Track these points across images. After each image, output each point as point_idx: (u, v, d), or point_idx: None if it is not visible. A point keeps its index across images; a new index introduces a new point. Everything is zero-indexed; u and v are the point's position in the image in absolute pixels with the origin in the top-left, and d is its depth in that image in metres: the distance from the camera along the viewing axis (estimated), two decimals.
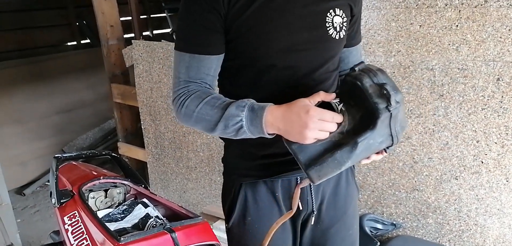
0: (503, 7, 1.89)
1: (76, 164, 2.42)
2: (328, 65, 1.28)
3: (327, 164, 1.07)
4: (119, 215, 1.99)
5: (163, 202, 2.07)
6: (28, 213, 4.22)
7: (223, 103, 1.16)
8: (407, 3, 2.10)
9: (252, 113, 1.12)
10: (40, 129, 4.97)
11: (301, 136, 1.06)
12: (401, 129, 1.10)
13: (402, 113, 1.09)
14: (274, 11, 1.19)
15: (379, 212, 2.49)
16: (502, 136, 2.03)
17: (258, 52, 1.21)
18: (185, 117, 1.22)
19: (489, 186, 2.13)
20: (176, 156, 3.35)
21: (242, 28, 1.19)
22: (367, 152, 1.07)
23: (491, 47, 1.95)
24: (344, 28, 1.28)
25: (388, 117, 1.03)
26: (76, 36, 6.32)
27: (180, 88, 1.22)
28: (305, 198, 1.36)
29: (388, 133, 1.07)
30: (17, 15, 5.67)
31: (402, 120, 1.10)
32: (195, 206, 3.39)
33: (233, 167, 1.40)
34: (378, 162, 2.37)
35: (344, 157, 1.06)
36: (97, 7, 3.48)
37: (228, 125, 1.14)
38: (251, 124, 1.12)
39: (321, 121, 1.05)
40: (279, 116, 1.09)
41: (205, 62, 1.22)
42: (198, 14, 1.19)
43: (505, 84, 1.96)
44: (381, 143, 1.07)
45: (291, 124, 1.07)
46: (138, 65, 3.30)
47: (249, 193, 1.36)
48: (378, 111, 1.02)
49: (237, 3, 1.17)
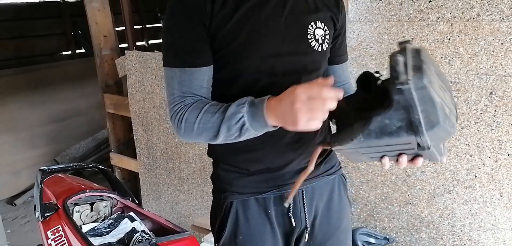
0: (495, 21, 1.87)
1: (63, 176, 2.39)
2: (312, 77, 1.26)
3: (344, 132, 1.02)
4: (104, 229, 1.96)
5: (150, 216, 2.04)
6: (19, 224, 4.18)
7: (222, 106, 1.12)
8: (399, 16, 2.08)
9: (253, 108, 1.07)
10: (33, 138, 4.95)
11: (293, 119, 0.99)
12: (429, 127, 0.93)
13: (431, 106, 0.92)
14: (258, 22, 1.18)
15: (372, 226, 2.46)
16: (495, 150, 2.01)
17: (243, 63, 1.20)
18: (186, 132, 1.17)
19: (483, 201, 2.10)
20: (168, 167, 3.32)
21: (225, 39, 1.17)
22: (382, 133, 0.96)
23: (484, 60, 1.93)
24: (326, 41, 1.28)
25: (403, 99, 0.91)
26: (71, 46, 6.33)
27: (176, 104, 1.18)
28: (298, 213, 1.34)
29: (407, 120, 0.93)
30: (13, 24, 5.67)
31: (430, 114, 0.93)
32: (186, 218, 3.36)
33: (223, 184, 1.36)
34: (370, 174, 2.35)
35: (358, 129, 0.98)
36: (91, 17, 3.46)
37: (231, 125, 1.10)
38: (253, 119, 1.07)
39: (308, 99, 0.96)
40: (275, 106, 1.04)
41: (197, 75, 1.18)
42: (183, 26, 1.16)
43: (498, 98, 1.94)
44: (400, 130, 0.94)
45: (283, 110, 1.01)
46: (131, 75, 3.27)
47: (240, 211, 1.32)
48: (390, 84, 0.92)
49: (219, 13, 1.15)
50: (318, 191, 1.38)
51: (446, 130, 0.95)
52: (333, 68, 1.42)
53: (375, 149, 1.03)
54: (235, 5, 1.16)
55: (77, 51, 6.37)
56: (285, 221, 1.35)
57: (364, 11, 2.16)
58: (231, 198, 1.33)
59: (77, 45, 6.37)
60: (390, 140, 0.97)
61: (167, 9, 1.19)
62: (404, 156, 1.04)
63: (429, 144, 0.96)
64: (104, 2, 3.49)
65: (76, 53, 6.35)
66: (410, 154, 1.04)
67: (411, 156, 1.05)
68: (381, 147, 1.02)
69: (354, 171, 2.40)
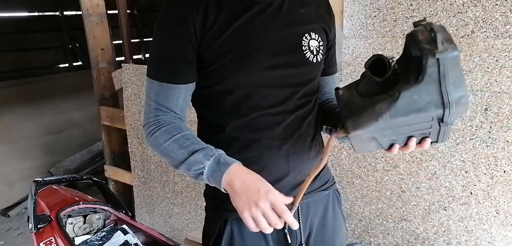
0: (490, 38, 1.88)
1: (57, 188, 2.37)
2: (307, 89, 1.27)
3: (365, 113, 1.00)
4: (97, 242, 1.94)
5: (143, 229, 2.03)
6: (12, 235, 4.14)
7: (191, 146, 1.15)
8: (393, 33, 2.09)
9: (216, 166, 1.10)
10: (28, 149, 4.94)
11: (243, 207, 1.04)
12: (456, 99, 0.94)
13: (459, 77, 0.94)
14: (251, 35, 1.17)
15: (367, 242, 2.45)
16: (491, 166, 2.00)
17: (236, 77, 1.19)
18: (152, 146, 1.22)
19: (478, 218, 2.09)
20: (162, 180, 3.30)
21: (217, 53, 1.17)
22: (410, 110, 0.95)
23: (479, 77, 1.93)
24: (320, 52, 1.28)
25: (437, 70, 0.91)
26: (68, 58, 6.35)
27: (150, 117, 1.22)
28: (293, 230, 1.30)
29: (438, 92, 0.93)
30: (12, 37, 5.69)
31: (458, 86, 0.94)
32: (180, 232, 3.33)
33: (218, 201, 1.33)
34: (365, 190, 2.34)
35: (383, 108, 0.97)
36: (89, 31, 3.48)
37: (190, 168, 1.13)
38: (211, 176, 1.11)
39: (270, 209, 1.02)
40: (238, 179, 1.07)
41: (173, 91, 1.20)
42: (168, 43, 1.18)
43: (493, 115, 1.94)
44: (428, 105, 0.94)
45: (245, 191, 1.05)
46: (127, 88, 3.28)
47: (236, 229, 1.30)
48: (423, 56, 0.91)
49: (211, 29, 1.15)
50: (313, 207, 1.37)
51: (466, 104, 0.96)
52: (325, 80, 1.42)
53: (395, 130, 1.02)
54: (228, 20, 1.16)
55: (74, 64, 6.38)
56: (280, 238, 1.32)
57: (359, 27, 2.17)
58: (226, 216, 1.30)
59: (75, 58, 6.39)
60: (416, 117, 0.97)
61: (157, 21, 1.21)
62: (412, 139, 1.05)
63: (453, 117, 0.97)
64: (102, 16, 3.52)
65: (73, 66, 6.36)
66: (422, 134, 1.05)
67: (418, 139, 1.06)
68: (403, 128, 1.02)
69: (348, 186, 2.40)
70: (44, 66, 6.09)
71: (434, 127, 1.01)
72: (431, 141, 1.08)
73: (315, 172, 1.15)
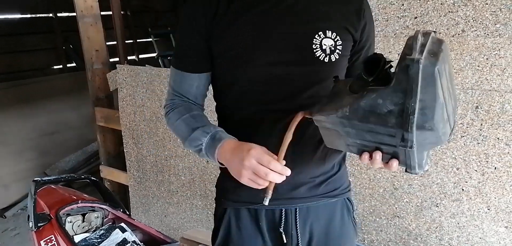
0: (480, 37, 1.91)
1: (55, 188, 2.39)
2: (317, 89, 1.22)
3: (333, 102, 0.98)
4: (96, 239, 1.96)
5: (141, 226, 2.05)
6: (8, 236, 4.16)
7: (194, 124, 1.24)
8: (385, 33, 2.11)
9: (211, 142, 1.19)
10: (23, 151, 4.94)
11: (238, 172, 1.10)
12: (419, 123, 0.84)
13: (432, 102, 0.84)
14: (255, 31, 1.19)
15: (360, 239, 2.47)
16: (482, 163, 2.03)
17: (235, 72, 1.23)
18: (168, 125, 1.35)
19: (470, 214, 2.12)
20: (158, 180, 3.32)
21: (223, 47, 1.22)
22: (371, 113, 0.89)
23: (469, 75, 1.96)
24: (338, 51, 1.21)
25: (406, 78, 0.83)
26: (62, 60, 6.33)
27: (168, 99, 1.35)
28: (289, 230, 1.31)
29: (402, 104, 0.85)
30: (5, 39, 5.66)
31: (427, 110, 0.84)
32: (175, 231, 3.34)
33: (221, 191, 1.40)
34: (358, 187, 2.37)
35: (347, 102, 0.92)
36: (83, 32, 3.49)
37: (192, 145, 1.23)
38: (208, 151, 1.19)
39: (257, 164, 1.05)
40: (229, 150, 1.14)
41: (186, 78, 1.31)
42: (185, 35, 1.28)
43: (483, 112, 1.97)
44: (389, 115, 0.87)
45: (233, 158, 1.12)
46: (122, 89, 3.29)
47: (233, 219, 1.34)
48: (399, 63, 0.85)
49: (221, 20, 1.20)
50: (314, 212, 1.33)
51: (437, 135, 0.88)
52: None
53: (357, 132, 0.97)
54: (236, 13, 1.20)
55: (68, 65, 6.36)
56: (276, 237, 1.33)
57: None
58: (225, 205, 1.35)
59: (68, 59, 6.37)
60: (375, 125, 0.91)
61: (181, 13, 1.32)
62: (378, 152, 0.98)
63: (414, 142, 0.87)
64: (97, 18, 3.54)
65: (67, 68, 6.34)
66: (388, 151, 0.96)
67: (387, 157, 0.98)
68: (363, 133, 0.96)
69: None
70: (37, 68, 6.06)
71: (400, 147, 0.91)
72: (398, 163, 0.98)
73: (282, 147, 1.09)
